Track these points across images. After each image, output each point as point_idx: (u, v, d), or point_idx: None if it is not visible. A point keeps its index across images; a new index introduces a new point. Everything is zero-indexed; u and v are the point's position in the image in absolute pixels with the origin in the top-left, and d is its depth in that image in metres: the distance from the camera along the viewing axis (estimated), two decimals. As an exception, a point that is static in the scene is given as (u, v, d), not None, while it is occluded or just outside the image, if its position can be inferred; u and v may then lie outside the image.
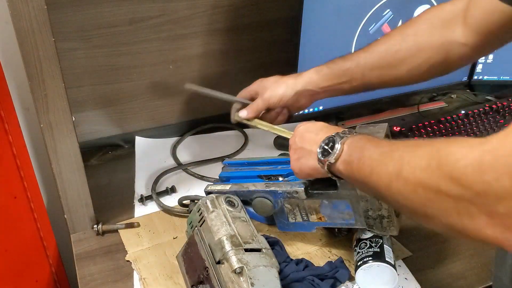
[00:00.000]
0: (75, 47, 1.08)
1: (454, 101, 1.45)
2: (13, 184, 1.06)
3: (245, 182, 0.93)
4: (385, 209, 0.79)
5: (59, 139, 0.85)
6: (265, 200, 0.89)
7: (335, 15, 1.13)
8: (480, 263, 0.91)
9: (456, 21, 0.83)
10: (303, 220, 0.89)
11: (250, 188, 0.91)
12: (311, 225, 0.89)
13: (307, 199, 0.85)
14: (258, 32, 1.24)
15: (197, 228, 0.82)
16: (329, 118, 1.32)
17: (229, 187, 0.94)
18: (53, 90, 0.80)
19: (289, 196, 0.86)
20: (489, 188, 0.43)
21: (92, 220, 0.96)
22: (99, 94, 1.16)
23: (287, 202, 0.88)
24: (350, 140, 0.67)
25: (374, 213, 0.81)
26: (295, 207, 0.88)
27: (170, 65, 1.19)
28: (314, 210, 0.87)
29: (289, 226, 0.92)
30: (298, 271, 0.85)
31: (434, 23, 0.84)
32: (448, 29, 0.83)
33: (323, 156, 0.70)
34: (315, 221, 0.88)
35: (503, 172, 0.42)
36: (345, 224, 0.86)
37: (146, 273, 0.87)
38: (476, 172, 0.44)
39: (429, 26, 0.85)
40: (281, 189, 0.87)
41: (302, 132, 0.78)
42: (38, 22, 0.73)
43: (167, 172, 1.12)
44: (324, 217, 0.87)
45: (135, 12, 1.09)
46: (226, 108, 1.31)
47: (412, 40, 0.85)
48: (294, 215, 0.89)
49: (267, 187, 0.89)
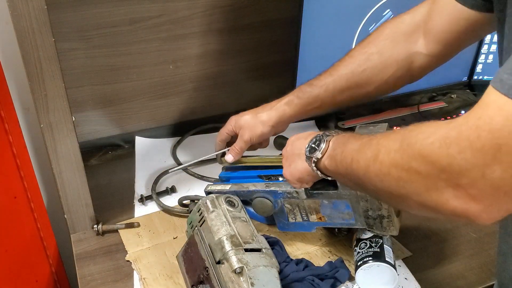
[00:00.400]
0: (75, 47, 1.08)
1: (454, 101, 1.45)
2: (13, 184, 1.06)
3: (245, 182, 0.93)
4: (385, 209, 0.79)
5: (59, 139, 0.85)
6: (265, 200, 0.89)
7: (335, 15, 1.13)
8: (480, 263, 0.91)
9: (418, 33, 0.84)
10: (303, 220, 0.89)
11: (250, 188, 0.91)
12: (311, 225, 0.89)
13: (307, 199, 0.85)
14: (258, 32, 1.24)
15: (197, 228, 0.82)
16: (329, 118, 1.32)
17: (229, 187, 0.94)
18: (53, 90, 0.80)
19: (289, 196, 0.87)
20: (453, 161, 0.47)
21: (92, 220, 0.96)
22: (99, 94, 1.16)
23: (287, 202, 0.88)
24: (335, 138, 0.72)
25: (374, 213, 0.81)
26: (295, 207, 0.88)
27: (170, 65, 1.19)
28: (314, 210, 0.87)
29: (289, 226, 0.92)
30: (298, 271, 0.85)
31: (396, 38, 0.86)
32: (410, 42, 0.85)
33: (310, 153, 0.73)
34: (315, 221, 0.88)
35: (465, 146, 0.46)
36: (345, 224, 0.86)
37: (146, 273, 0.88)
38: (442, 147, 0.48)
39: (391, 41, 0.86)
40: (281, 189, 0.87)
41: (293, 140, 0.83)
42: (38, 22, 0.73)
43: (166, 172, 1.12)
44: (324, 217, 0.87)
45: (135, 12, 1.09)
46: (226, 108, 1.31)
47: (377, 58, 0.87)
48: (294, 215, 0.89)
49: (267, 187, 0.89)
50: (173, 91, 1.23)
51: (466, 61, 1.37)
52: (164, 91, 1.22)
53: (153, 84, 1.20)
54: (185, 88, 1.24)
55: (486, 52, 1.35)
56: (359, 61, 0.88)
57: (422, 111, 1.39)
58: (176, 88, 1.23)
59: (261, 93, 1.34)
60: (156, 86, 1.21)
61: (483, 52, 1.35)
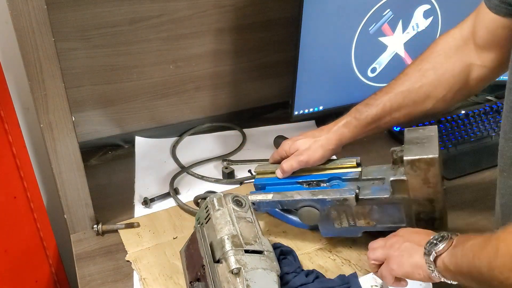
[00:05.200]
0: (75, 47, 1.08)
1: (454, 101, 1.45)
2: (13, 184, 1.06)
3: (287, 190, 0.91)
4: (438, 211, 0.79)
5: (59, 139, 0.85)
6: (313, 210, 0.86)
7: (335, 15, 1.13)
8: (480, 263, 0.91)
9: (469, 46, 0.85)
10: (349, 226, 0.87)
11: (295, 197, 0.88)
12: (357, 230, 0.88)
13: (357, 205, 0.84)
14: (259, 32, 1.24)
15: (202, 225, 0.82)
16: (329, 118, 1.31)
17: (272, 196, 0.90)
18: (53, 90, 0.80)
19: (338, 204, 0.84)
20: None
21: (92, 220, 0.96)
22: (99, 94, 1.15)
23: (334, 209, 0.85)
24: (458, 237, 0.69)
25: (426, 216, 0.81)
26: (342, 213, 0.86)
27: (170, 65, 1.19)
28: (363, 215, 0.85)
29: (333, 232, 0.90)
30: (307, 282, 0.83)
31: (449, 53, 0.87)
32: (463, 55, 0.85)
33: (431, 247, 0.70)
34: (363, 226, 0.87)
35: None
36: (394, 228, 0.84)
37: (146, 273, 0.87)
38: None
39: (444, 56, 0.87)
40: (330, 197, 0.84)
41: (407, 233, 0.78)
42: (38, 22, 0.73)
43: (177, 175, 1.12)
44: (372, 222, 0.85)
45: (135, 12, 1.09)
46: (226, 108, 1.31)
47: (432, 74, 0.87)
48: (340, 221, 0.87)
49: (314, 195, 0.86)
50: (173, 91, 1.23)
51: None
52: (164, 91, 1.22)
53: (153, 84, 1.20)
54: (185, 88, 1.24)
55: (486, 52, 1.35)
56: (415, 78, 0.88)
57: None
58: (176, 88, 1.23)
59: (261, 93, 1.34)
60: (156, 86, 1.21)
61: (483, 52, 1.35)
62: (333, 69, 1.21)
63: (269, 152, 0.99)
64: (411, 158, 0.78)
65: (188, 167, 1.15)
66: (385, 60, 1.25)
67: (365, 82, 1.26)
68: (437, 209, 0.79)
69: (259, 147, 1.24)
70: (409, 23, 1.22)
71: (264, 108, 1.37)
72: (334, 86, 1.24)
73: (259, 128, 1.32)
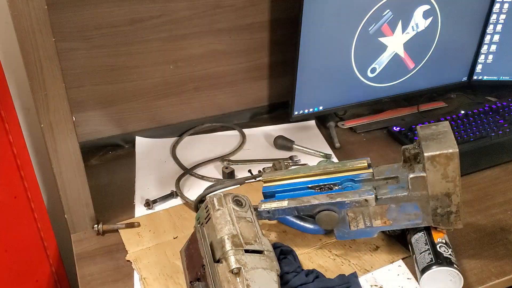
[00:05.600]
0: (75, 47, 1.08)
1: (454, 101, 1.45)
2: (13, 184, 1.06)
3: (299, 196, 0.89)
4: (454, 205, 0.80)
5: (59, 139, 0.85)
6: (332, 213, 0.85)
7: (335, 15, 1.13)
8: (480, 263, 0.91)
9: None
10: (365, 227, 0.87)
11: (312, 201, 0.86)
12: (373, 230, 0.87)
13: (376, 205, 0.84)
14: (258, 32, 1.25)
15: (202, 225, 0.82)
16: (329, 118, 1.32)
17: (287, 203, 0.88)
18: (53, 90, 0.80)
19: (357, 205, 0.84)
20: None
21: (92, 220, 0.96)
22: (99, 94, 1.16)
23: (352, 211, 0.85)
24: None
25: (442, 210, 0.81)
26: (359, 214, 0.86)
27: (170, 65, 1.19)
28: (379, 215, 0.85)
29: (349, 235, 0.88)
30: (307, 282, 0.83)
31: None
32: None
33: None
34: (379, 226, 0.86)
35: None
36: (410, 225, 0.84)
37: (146, 273, 0.88)
38: None
39: None
40: (348, 199, 0.84)
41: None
42: (39, 22, 0.74)
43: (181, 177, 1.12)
44: (389, 221, 0.85)
45: (135, 12, 1.09)
46: (226, 108, 1.32)
47: None
48: (356, 223, 0.87)
49: (332, 198, 0.85)
50: (174, 91, 1.23)
51: (466, 61, 1.37)
52: (164, 91, 1.22)
53: (153, 84, 1.20)
54: (186, 88, 1.24)
55: (486, 52, 1.35)
56: None
57: (422, 111, 1.39)
58: (176, 88, 1.23)
59: (261, 93, 1.34)
60: (156, 86, 1.21)
61: (482, 52, 1.35)
62: (333, 69, 1.21)
63: (269, 152, 0.99)
64: (432, 153, 0.78)
65: (191, 168, 1.15)
66: (385, 60, 1.26)
67: (364, 82, 1.27)
68: (454, 203, 0.80)
69: (259, 147, 1.24)
70: (409, 23, 1.22)
71: (264, 108, 1.37)
72: (334, 86, 1.24)
73: (259, 128, 1.32)
